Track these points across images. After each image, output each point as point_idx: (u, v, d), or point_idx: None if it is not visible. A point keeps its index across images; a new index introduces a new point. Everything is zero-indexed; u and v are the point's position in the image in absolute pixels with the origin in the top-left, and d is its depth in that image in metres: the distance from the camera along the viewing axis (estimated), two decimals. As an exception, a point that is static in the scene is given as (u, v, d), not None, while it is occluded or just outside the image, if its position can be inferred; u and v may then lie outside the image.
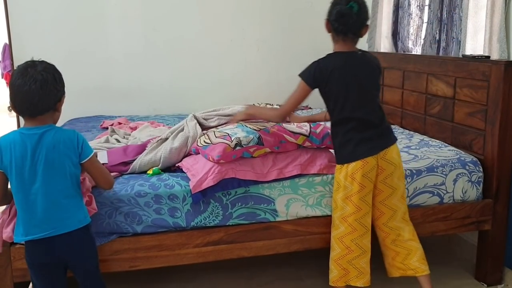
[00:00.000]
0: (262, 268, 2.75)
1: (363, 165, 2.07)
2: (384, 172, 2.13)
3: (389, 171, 2.13)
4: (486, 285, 2.58)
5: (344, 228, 2.16)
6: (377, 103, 2.15)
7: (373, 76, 2.15)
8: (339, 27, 2.07)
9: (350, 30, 2.08)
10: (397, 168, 2.15)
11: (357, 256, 2.18)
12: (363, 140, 2.08)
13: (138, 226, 2.11)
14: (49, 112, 1.75)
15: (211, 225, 2.19)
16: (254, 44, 4.17)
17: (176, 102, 4.06)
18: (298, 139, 2.27)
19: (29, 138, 1.71)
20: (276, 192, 2.24)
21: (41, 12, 3.72)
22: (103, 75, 3.91)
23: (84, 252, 1.85)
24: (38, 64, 1.75)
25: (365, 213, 2.15)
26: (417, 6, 3.42)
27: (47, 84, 1.71)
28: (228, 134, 2.21)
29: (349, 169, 2.09)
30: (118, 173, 2.29)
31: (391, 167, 2.13)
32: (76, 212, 1.80)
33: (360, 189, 2.09)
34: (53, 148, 1.72)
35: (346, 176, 2.11)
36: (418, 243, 2.26)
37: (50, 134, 1.74)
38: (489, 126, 2.48)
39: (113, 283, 2.55)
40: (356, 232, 2.15)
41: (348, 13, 2.03)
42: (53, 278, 1.82)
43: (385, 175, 2.13)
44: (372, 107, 2.12)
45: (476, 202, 2.50)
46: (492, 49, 2.58)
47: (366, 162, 2.07)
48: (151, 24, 3.95)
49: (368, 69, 2.14)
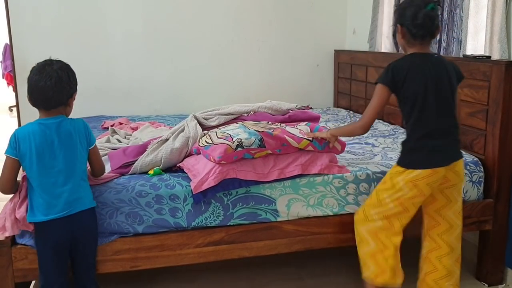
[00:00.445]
0: (263, 268, 2.75)
1: (432, 173, 1.98)
2: (447, 182, 2.05)
3: (453, 182, 2.05)
4: (487, 285, 2.58)
5: (382, 223, 2.07)
6: (453, 111, 2.04)
7: (451, 81, 2.02)
8: (419, 31, 1.97)
9: (429, 33, 1.99)
10: (460, 182, 2.09)
11: (392, 255, 2.10)
12: (437, 148, 1.99)
13: (139, 226, 2.11)
14: (61, 107, 1.92)
15: (212, 225, 2.19)
16: (255, 44, 4.17)
17: (177, 102, 4.06)
18: (301, 143, 2.27)
19: (48, 127, 1.88)
20: (277, 192, 2.24)
21: (41, 12, 3.73)
22: (104, 75, 3.92)
23: (93, 231, 2.01)
24: (55, 62, 1.93)
25: (410, 215, 2.07)
26: (418, 6, 3.42)
27: (61, 82, 1.88)
28: (229, 135, 2.21)
29: (414, 175, 1.99)
30: (119, 174, 2.29)
31: (457, 179, 2.06)
32: (89, 192, 2.00)
33: (418, 195, 2.01)
34: (70, 135, 1.91)
35: (407, 181, 2.00)
36: (459, 269, 2.16)
37: (66, 123, 1.92)
38: (490, 126, 2.48)
39: (114, 283, 2.56)
40: (392, 229, 2.07)
41: (432, 16, 1.95)
42: (62, 260, 1.94)
43: (447, 185, 2.06)
44: (449, 114, 2.01)
45: (477, 202, 2.50)
46: (493, 49, 2.59)
47: (436, 172, 1.98)
48: (152, 24, 3.96)
49: (446, 73, 2.02)
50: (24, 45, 3.71)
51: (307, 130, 2.35)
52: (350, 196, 2.33)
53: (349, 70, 4.10)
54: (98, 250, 2.07)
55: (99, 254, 2.08)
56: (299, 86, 4.29)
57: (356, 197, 2.34)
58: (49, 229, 1.89)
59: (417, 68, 1.97)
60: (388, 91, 2.00)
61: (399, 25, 2.03)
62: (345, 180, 2.32)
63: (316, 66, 4.29)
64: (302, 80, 4.31)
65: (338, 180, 2.31)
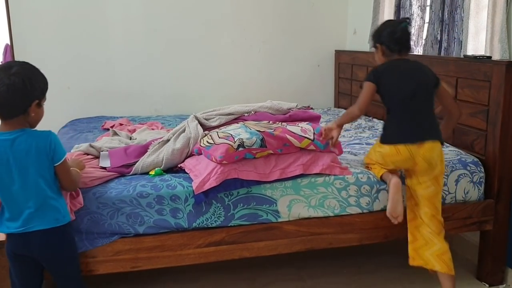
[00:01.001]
0: (264, 269, 2.75)
1: (395, 153, 2.22)
2: (416, 166, 2.22)
3: (421, 167, 2.21)
4: (488, 285, 2.58)
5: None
6: (428, 106, 2.25)
7: (426, 80, 2.25)
8: (396, 46, 2.27)
9: (406, 47, 2.29)
10: (430, 169, 2.21)
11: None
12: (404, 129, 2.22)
13: (140, 227, 2.11)
14: (18, 117, 1.73)
15: (213, 226, 2.19)
16: (255, 45, 4.17)
17: (177, 102, 4.06)
18: (303, 142, 2.27)
19: (1, 144, 1.72)
20: (278, 193, 2.24)
21: (42, 13, 3.73)
22: (104, 76, 3.92)
23: (59, 251, 1.87)
24: (13, 66, 1.72)
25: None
26: (419, 7, 3.42)
27: (14, 89, 1.68)
28: (231, 135, 2.21)
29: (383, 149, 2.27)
30: (119, 173, 2.29)
31: (424, 165, 2.20)
32: (54, 211, 1.82)
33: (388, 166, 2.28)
34: (26, 154, 1.73)
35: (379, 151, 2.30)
36: (441, 241, 2.26)
37: (23, 139, 1.73)
38: (490, 126, 2.48)
39: (115, 283, 2.56)
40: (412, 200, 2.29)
41: (406, 31, 2.29)
42: (27, 271, 1.87)
43: (416, 169, 2.23)
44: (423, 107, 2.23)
45: (478, 202, 2.50)
46: (494, 50, 2.58)
47: (398, 151, 2.21)
48: (153, 25, 3.96)
49: (421, 73, 2.27)
50: (24, 46, 3.71)
51: (310, 129, 2.35)
52: (351, 198, 2.33)
53: (349, 70, 4.10)
54: (99, 251, 2.07)
55: (100, 255, 2.08)
56: (299, 87, 4.28)
57: (358, 199, 2.33)
58: (10, 241, 1.84)
59: (394, 69, 2.26)
60: (372, 84, 2.26)
61: (379, 44, 2.31)
62: (346, 181, 2.32)
63: (316, 66, 4.29)
64: (302, 80, 4.31)
65: (339, 182, 2.31)
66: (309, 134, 2.31)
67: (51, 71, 3.65)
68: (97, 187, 2.14)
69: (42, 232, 1.80)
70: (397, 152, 2.21)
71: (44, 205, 1.79)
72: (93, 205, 2.06)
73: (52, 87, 1.85)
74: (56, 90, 3.77)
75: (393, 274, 2.71)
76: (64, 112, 3.77)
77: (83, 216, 2.05)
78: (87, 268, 2.08)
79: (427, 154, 2.18)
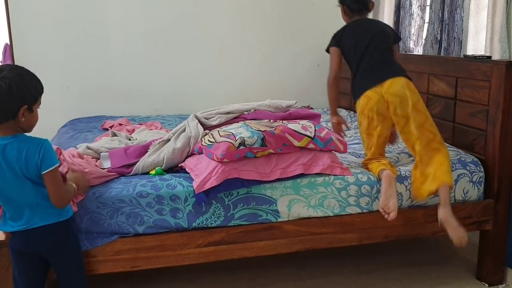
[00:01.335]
0: (264, 269, 2.75)
1: (367, 101, 2.42)
2: (392, 104, 2.40)
3: (395, 102, 2.39)
4: (487, 285, 2.58)
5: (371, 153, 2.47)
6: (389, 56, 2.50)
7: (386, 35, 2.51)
8: (356, 5, 2.55)
9: (365, 6, 2.56)
10: (405, 99, 2.38)
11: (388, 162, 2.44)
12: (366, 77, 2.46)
13: (139, 227, 2.11)
14: (8, 122, 1.69)
15: (213, 226, 2.19)
16: (255, 44, 4.17)
17: (177, 102, 4.05)
18: (302, 141, 2.27)
19: None
20: (278, 193, 2.24)
21: (42, 13, 3.72)
22: (104, 76, 3.91)
23: (64, 245, 1.87)
24: (2, 70, 1.67)
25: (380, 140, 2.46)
26: (419, 6, 3.42)
27: (0, 93, 1.64)
28: (232, 134, 2.21)
29: (358, 106, 2.49)
30: (118, 174, 2.29)
31: (397, 99, 2.38)
32: (52, 207, 1.80)
33: (370, 122, 2.44)
34: (16, 160, 1.70)
35: (359, 113, 2.50)
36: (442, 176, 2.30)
37: (14, 145, 1.70)
38: (490, 126, 2.48)
39: (114, 283, 2.56)
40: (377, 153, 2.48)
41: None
42: (31, 269, 1.87)
43: (393, 107, 2.40)
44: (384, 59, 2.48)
45: (478, 202, 2.50)
46: (494, 49, 2.59)
47: (369, 98, 2.42)
48: (152, 24, 3.95)
49: (380, 29, 2.53)
50: (24, 46, 3.69)
51: (310, 126, 2.34)
52: (351, 197, 2.33)
53: (349, 70, 4.09)
54: (99, 250, 2.07)
55: (99, 254, 2.08)
56: (299, 86, 4.28)
57: (358, 199, 2.33)
58: (13, 240, 1.84)
59: (352, 29, 2.55)
60: (337, 49, 2.57)
61: (341, 5, 2.61)
62: (346, 181, 2.32)
63: (316, 66, 4.28)
64: (302, 80, 4.30)
65: (339, 182, 2.31)
66: (310, 131, 2.30)
67: (51, 71, 3.70)
68: (96, 186, 2.14)
69: (46, 227, 1.80)
70: (368, 99, 2.42)
71: (45, 202, 1.78)
72: (92, 205, 2.06)
73: (51, 86, 1.84)
74: (56, 89, 3.78)
75: (392, 274, 2.71)
76: (63, 112, 3.76)
77: (83, 216, 2.05)
78: (86, 268, 2.07)
79: (391, 89, 2.39)
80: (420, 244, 3.07)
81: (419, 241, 3.08)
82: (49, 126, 3.66)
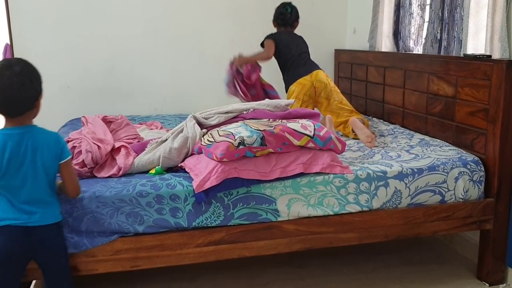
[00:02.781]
0: (263, 268, 2.75)
1: (300, 86, 3.24)
2: (318, 89, 3.24)
3: (320, 88, 3.24)
4: (488, 284, 2.58)
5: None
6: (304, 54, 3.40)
7: (301, 41, 3.47)
8: (280, 22, 3.49)
9: (287, 23, 3.48)
10: (326, 86, 3.24)
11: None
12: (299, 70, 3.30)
13: (139, 226, 2.11)
14: (26, 113, 1.78)
15: (213, 225, 2.19)
16: (255, 44, 4.15)
17: (177, 102, 4.06)
18: (302, 140, 2.27)
19: (10, 138, 1.76)
20: (277, 192, 2.24)
21: (42, 12, 3.73)
22: (104, 75, 3.92)
23: (55, 247, 1.91)
24: (14, 64, 1.75)
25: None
26: (418, 5, 3.42)
27: (24, 86, 1.73)
28: (231, 133, 2.21)
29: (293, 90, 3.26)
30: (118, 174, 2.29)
31: (322, 85, 3.24)
32: (53, 207, 1.90)
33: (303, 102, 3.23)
34: (35, 149, 1.79)
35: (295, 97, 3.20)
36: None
37: (32, 134, 1.79)
38: (490, 125, 2.47)
39: (114, 283, 2.56)
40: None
41: (284, 13, 3.46)
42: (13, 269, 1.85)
43: (319, 91, 3.25)
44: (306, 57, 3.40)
45: (478, 201, 2.50)
46: (494, 48, 2.58)
47: (301, 84, 3.24)
48: (152, 24, 3.95)
49: (298, 38, 3.48)
50: (24, 45, 3.70)
51: (310, 125, 2.35)
52: (350, 195, 2.33)
53: (349, 69, 4.10)
54: (99, 250, 2.07)
55: (99, 254, 2.08)
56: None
57: (357, 196, 2.33)
58: (2, 236, 1.80)
59: (283, 35, 3.43)
60: (273, 42, 3.37)
61: (273, 21, 3.53)
62: (345, 179, 2.32)
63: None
64: (302, 79, 4.29)
65: (338, 180, 2.31)
66: (309, 130, 2.30)
67: (51, 70, 3.70)
68: (97, 186, 2.14)
69: (44, 227, 1.84)
70: (302, 85, 3.23)
71: (46, 201, 1.86)
72: (93, 204, 2.06)
73: (52, 86, 1.88)
74: (56, 89, 3.79)
75: (392, 273, 2.71)
76: (63, 111, 3.76)
77: (83, 215, 2.05)
78: (86, 267, 2.08)
79: (317, 77, 3.24)
80: (420, 243, 3.07)
81: (419, 240, 3.08)
82: (49, 126, 3.62)
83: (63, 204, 2.01)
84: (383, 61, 3.52)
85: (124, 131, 2.73)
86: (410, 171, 2.39)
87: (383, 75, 3.51)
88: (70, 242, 2.03)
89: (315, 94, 3.24)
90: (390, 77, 3.42)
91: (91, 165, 2.26)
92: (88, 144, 2.31)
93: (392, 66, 3.40)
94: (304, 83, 3.22)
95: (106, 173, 2.27)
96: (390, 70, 3.42)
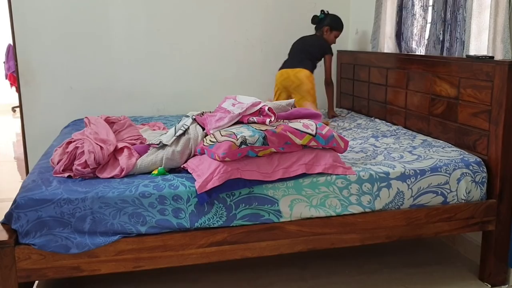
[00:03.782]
0: (266, 269, 2.75)
1: (279, 76, 3.67)
2: (293, 84, 3.55)
3: (296, 83, 3.54)
4: (490, 285, 2.58)
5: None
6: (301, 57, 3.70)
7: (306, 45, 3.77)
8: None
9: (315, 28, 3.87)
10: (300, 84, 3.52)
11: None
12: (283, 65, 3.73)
13: (142, 227, 2.12)
14: None
15: (215, 226, 2.19)
16: (257, 45, 4.18)
17: (179, 102, 4.07)
18: (304, 139, 2.27)
19: None
20: (280, 193, 2.24)
21: (45, 14, 3.73)
22: (107, 76, 3.93)
23: None
24: None
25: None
26: (421, 7, 3.41)
27: None
28: (233, 133, 2.21)
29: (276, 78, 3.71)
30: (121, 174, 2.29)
31: (297, 81, 3.53)
32: None
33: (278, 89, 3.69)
34: None
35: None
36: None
37: None
38: (493, 126, 2.47)
39: (117, 283, 2.56)
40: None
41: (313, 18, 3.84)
42: None
43: (294, 86, 3.55)
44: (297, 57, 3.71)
45: (480, 202, 2.49)
46: (496, 50, 2.58)
47: (280, 75, 3.66)
48: (155, 25, 3.96)
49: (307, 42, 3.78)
50: (27, 46, 3.71)
51: (312, 124, 2.35)
52: (353, 196, 2.33)
53: (351, 70, 4.10)
54: (101, 250, 2.07)
55: (102, 254, 2.08)
56: (301, 87, 4.27)
57: (359, 197, 2.33)
58: None
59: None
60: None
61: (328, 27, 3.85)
62: (348, 180, 2.32)
63: (318, 66, 4.28)
64: (304, 80, 4.29)
65: (341, 181, 2.31)
66: (311, 129, 2.30)
67: (54, 71, 3.72)
68: (99, 186, 2.14)
69: None
70: (280, 75, 3.65)
71: None
72: (95, 205, 2.07)
73: (54, 87, 1.85)
74: (59, 90, 3.80)
75: (395, 274, 2.71)
76: (66, 112, 3.77)
77: (85, 216, 2.05)
78: (89, 268, 2.09)
79: (285, 74, 3.59)
80: (423, 244, 3.06)
81: (421, 241, 3.08)
82: (52, 126, 3.69)
83: (65, 205, 2.01)
84: (386, 62, 3.52)
85: (127, 132, 2.73)
86: (413, 172, 2.39)
87: (386, 76, 3.52)
88: (72, 242, 2.04)
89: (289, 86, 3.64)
90: (393, 78, 3.42)
91: (93, 166, 2.26)
92: (91, 144, 2.31)
93: (394, 67, 3.40)
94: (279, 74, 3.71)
95: (109, 173, 2.28)
96: (393, 71, 3.42)
